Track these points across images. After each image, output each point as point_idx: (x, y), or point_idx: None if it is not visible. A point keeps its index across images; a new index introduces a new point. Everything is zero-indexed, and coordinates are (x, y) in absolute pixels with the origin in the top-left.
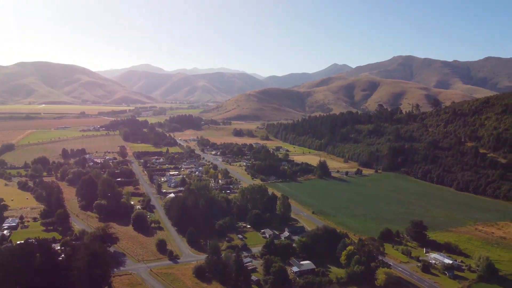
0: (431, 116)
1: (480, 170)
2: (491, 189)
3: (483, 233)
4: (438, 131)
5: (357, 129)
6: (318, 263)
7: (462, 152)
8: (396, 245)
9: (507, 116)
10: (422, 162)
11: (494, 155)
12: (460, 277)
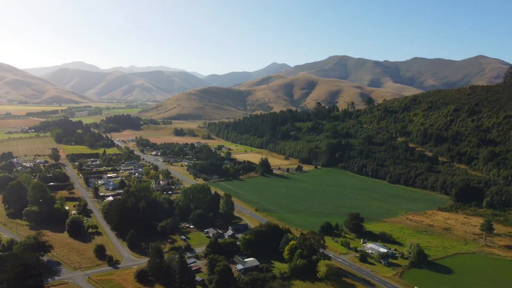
0: (365, 113)
1: (409, 163)
2: (419, 181)
3: (414, 222)
4: (372, 128)
5: (297, 127)
6: (262, 260)
7: (394, 147)
8: (336, 238)
9: (432, 113)
10: (358, 157)
11: (422, 149)
12: (394, 264)
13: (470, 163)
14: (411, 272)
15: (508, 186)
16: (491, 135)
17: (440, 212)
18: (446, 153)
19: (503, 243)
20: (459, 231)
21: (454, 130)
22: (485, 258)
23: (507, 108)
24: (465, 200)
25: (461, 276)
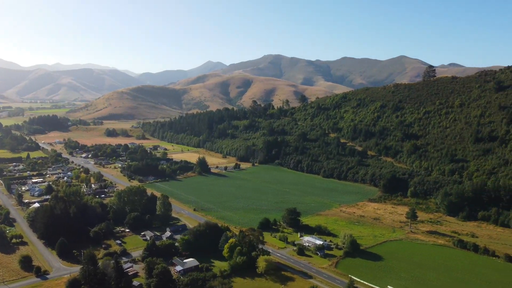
0: (300, 111)
1: (342, 158)
2: (351, 174)
3: (347, 214)
4: (306, 124)
5: (234, 125)
6: (202, 259)
7: (327, 142)
8: (274, 233)
9: (361, 109)
10: (293, 153)
11: (352, 144)
12: (330, 255)
13: (396, 156)
14: (346, 261)
15: (429, 176)
16: (413, 129)
17: (370, 203)
18: (374, 147)
19: (426, 229)
20: (388, 220)
21: (381, 125)
22: (411, 244)
23: (426, 104)
24: (392, 191)
25: (390, 262)
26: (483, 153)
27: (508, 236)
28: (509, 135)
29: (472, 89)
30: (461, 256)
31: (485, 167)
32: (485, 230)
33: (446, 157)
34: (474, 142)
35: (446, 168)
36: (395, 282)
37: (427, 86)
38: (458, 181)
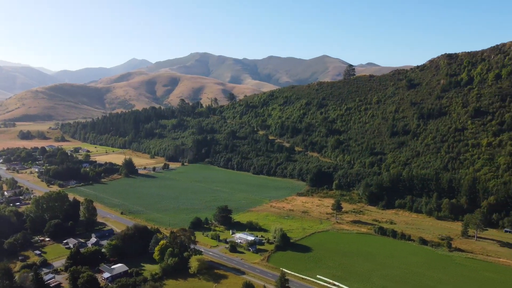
0: (229, 109)
1: (270, 154)
2: (280, 170)
3: (277, 209)
4: (235, 122)
5: (162, 124)
6: (132, 264)
7: (256, 140)
8: (206, 232)
9: (287, 107)
10: (223, 151)
11: (280, 140)
12: (262, 250)
13: (321, 151)
14: (277, 255)
15: (351, 169)
16: (336, 125)
17: (299, 197)
18: (301, 143)
19: (350, 219)
20: (315, 212)
21: (307, 122)
22: (337, 234)
23: (347, 101)
24: (319, 184)
25: (318, 253)
26: (398, 146)
27: (421, 221)
28: (420, 129)
29: (387, 87)
30: (382, 242)
31: (400, 158)
32: (402, 216)
33: (366, 150)
34: (390, 136)
35: (367, 160)
36: (324, 271)
37: (347, 84)
38: (377, 173)
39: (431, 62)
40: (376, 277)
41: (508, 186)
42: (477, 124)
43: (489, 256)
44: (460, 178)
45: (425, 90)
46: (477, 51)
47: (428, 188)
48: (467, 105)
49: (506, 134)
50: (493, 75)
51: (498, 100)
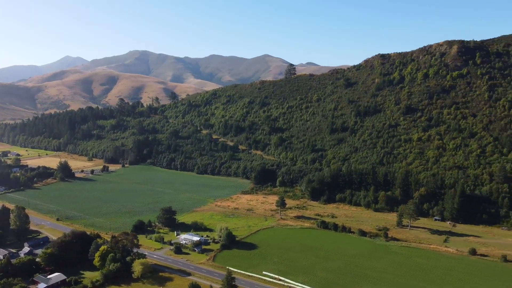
0: (171, 108)
1: (214, 153)
2: (224, 169)
3: (222, 208)
4: (178, 122)
5: (100, 125)
6: (70, 272)
7: (199, 139)
8: (149, 234)
9: (231, 106)
10: (166, 151)
11: (224, 139)
12: (207, 250)
13: (265, 149)
14: (223, 254)
15: (294, 166)
16: (279, 123)
17: (244, 195)
18: (245, 141)
19: (294, 215)
20: (260, 209)
21: (250, 120)
22: (281, 230)
23: (289, 99)
24: (263, 182)
25: (264, 249)
26: (337, 142)
27: (360, 213)
28: (357, 126)
29: (327, 86)
30: (324, 236)
31: (339, 154)
32: (342, 210)
33: (308, 147)
34: (330, 133)
35: (308, 157)
36: (270, 267)
37: (289, 83)
38: (318, 169)
39: (366, 62)
40: (319, 269)
41: (437, 177)
42: (408, 121)
43: (422, 244)
44: (394, 171)
45: (361, 88)
46: (408, 52)
47: (366, 182)
48: (399, 103)
49: (434, 129)
50: (422, 74)
51: (426, 98)
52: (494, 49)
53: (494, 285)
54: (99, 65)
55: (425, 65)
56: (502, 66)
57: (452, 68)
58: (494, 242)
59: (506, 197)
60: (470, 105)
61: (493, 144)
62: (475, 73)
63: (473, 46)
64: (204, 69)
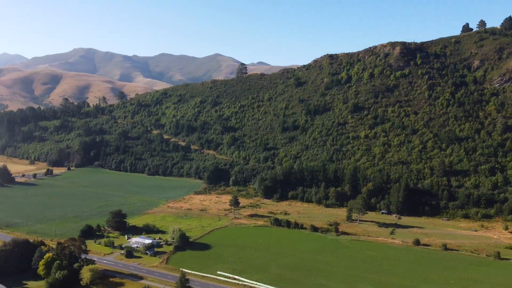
0: (119, 108)
1: (166, 154)
2: (176, 170)
3: (174, 209)
4: (127, 122)
5: (42, 126)
6: (12, 283)
7: (150, 139)
8: (99, 239)
9: (182, 105)
10: (115, 153)
11: (176, 139)
12: (160, 253)
13: (217, 149)
14: (176, 256)
15: (247, 164)
16: (231, 122)
17: (197, 196)
18: (197, 141)
19: (247, 213)
20: (213, 209)
21: (202, 120)
22: (235, 229)
23: (241, 99)
24: (216, 182)
25: (218, 249)
26: (289, 141)
27: (312, 209)
28: (308, 124)
29: (278, 85)
30: (278, 233)
31: (291, 152)
32: (295, 207)
33: (260, 146)
34: (281, 131)
35: (261, 156)
36: (224, 266)
37: (240, 82)
38: (271, 167)
39: (315, 62)
40: (273, 266)
41: (383, 173)
42: (356, 119)
43: (370, 237)
44: (343, 168)
45: (311, 88)
46: (354, 52)
47: (317, 178)
48: (347, 102)
49: (380, 126)
50: (368, 74)
51: (372, 96)
52: (433, 51)
53: (437, 272)
54: (41, 63)
55: (370, 65)
56: (440, 66)
57: (395, 68)
58: (435, 232)
59: (446, 190)
60: (412, 103)
61: (433, 140)
62: (416, 73)
63: (414, 48)
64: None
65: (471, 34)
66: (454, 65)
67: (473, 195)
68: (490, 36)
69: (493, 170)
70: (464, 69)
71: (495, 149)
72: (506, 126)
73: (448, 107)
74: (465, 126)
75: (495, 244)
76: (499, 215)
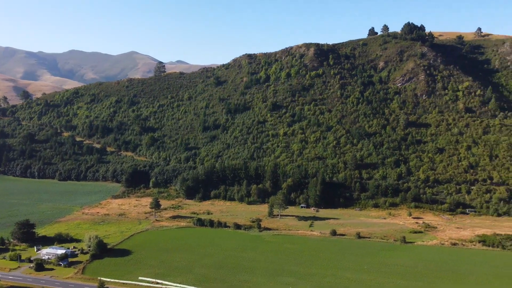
0: (23, 109)
1: (79, 157)
2: (91, 173)
3: (90, 215)
4: (33, 124)
5: None
6: None
7: (60, 142)
8: (2, 253)
9: (96, 105)
10: (20, 158)
11: (90, 141)
12: (76, 262)
13: (136, 150)
14: (93, 264)
15: (168, 165)
16: (150, 122)
17: (114, 200)
18: (113, 143)
19: (169, 215)
20: (133, 213)
21: (118, 120)
22: (157, 232)
23: (160, 98)
24: (135, 184)
25: (139, 254)
26: (210, 140)
27: (235, 207)
28: (229, 123)
29: (197, 84)
30: (201, 233)
31: (213, 151)
32: (217, 206)
33: (181, 146)
34: (202, 131)
35: (182, 156)
36: (146, 271)
37: (159, 81)
38: (193, 167)
39: (234, 61)
40: (197, 267)
41: (301, 168)
42: (275, 117)
43: (291, 230)
44: (264, 165)
45: (231, 87)
46: (272, 52)
47: (239, 177)
48: (266, 100)
49: (297, 124)
50: (285, 73)
51: (289, 95)
52: (344, 52)
53: (352, 260)
54: None
55: (287, 65)
56: (350, 67)
57: (310, 68)
58: (349, 222)
59: (358, 182)
60: (326, 102)
61: (345, 136)
62: (329, 73)
63: (326, 49)
64: (63, 66)
65: (376, 37)
66: (363, 65)
67: (381, 185)
68: (393, 40)
69: (397, 162)
70: (371, 70)
71: (399, 143)
72: (407, 122)
73: (358, 105)
74: (373, 123)
75: (401, 229)
76: (404, 203)
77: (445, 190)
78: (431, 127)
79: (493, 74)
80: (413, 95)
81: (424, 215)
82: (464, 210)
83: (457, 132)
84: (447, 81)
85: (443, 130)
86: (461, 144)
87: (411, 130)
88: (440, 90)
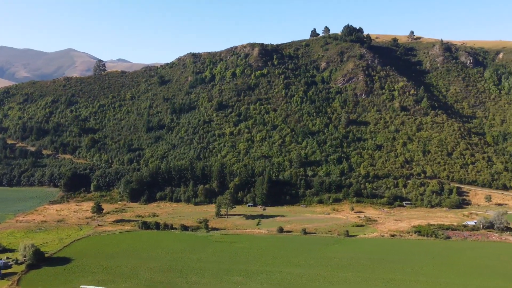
0: None
1: (11, 161)
2: (25, 178)
3: (25, 223)
4: None
5: None
6: None
7: None
8: None
9: (29, 105)
10: None
11: (23, 144)
12: (9, 274)
13: (75, 152)
14: (30, 275)
15: (110, 168)
16: (90, 123)
17: (52, 206)
18: (50, 145)
19: (112, 219)
20: (73, 219)
21: (55, 121)
22: (99, 237)
23: (100, 98)
24: (75, 189)
25: (80, 261)
26: (155, 140)
27: (182, 209)
28: (174, 123)
29: (140, 83)
30: (147, 236)
31: (158, 152)
32: (163, 208)
33: (124, 147)
34: (146, 131)
35: (125, 158)
36: (89, 279)
37: (99, 80)
38: (137, 169)
39: (179, 60)
40: (143, 272)
41: (248, 167)
42: (221, 116)
43: (239, 229)
44: (211, 165)
45: (175, 86)
46: (217, 52)
47: (185, 177)
48: (212, 100)
49: (243, 123)
50: (230, 73)
51: (235, 95)
52: (287, 52)
53: (299, 255)
54: None
55: (232, 65)
56: (294, 67)
57: (255, 68)
58: (296, 219)
59: (303, 179)
60: (271, 101)
61: (290, 134)
62: (274, 73)
63: (270, 49)
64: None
65: (318, 38)
66: (306, 66)
67: (325, 182)
68: (333, 41)
69: (340, 159)
70: (313, 70)
71: (341, 141)
72: (348, 120)
73: (302, 104)
74: (317, 121)
75: (344, 224)
76: (346, 198)
77: (384, 185)
78: (370, 125)
79: (425, 75)
80: (353, 94)
81: (365, 209)
82: (401, 203)
83: (394, 129)
84: (384, 81)
85: (381, 127)
86: (397, 141)
87: (352, 128)
88: (378, 89)
